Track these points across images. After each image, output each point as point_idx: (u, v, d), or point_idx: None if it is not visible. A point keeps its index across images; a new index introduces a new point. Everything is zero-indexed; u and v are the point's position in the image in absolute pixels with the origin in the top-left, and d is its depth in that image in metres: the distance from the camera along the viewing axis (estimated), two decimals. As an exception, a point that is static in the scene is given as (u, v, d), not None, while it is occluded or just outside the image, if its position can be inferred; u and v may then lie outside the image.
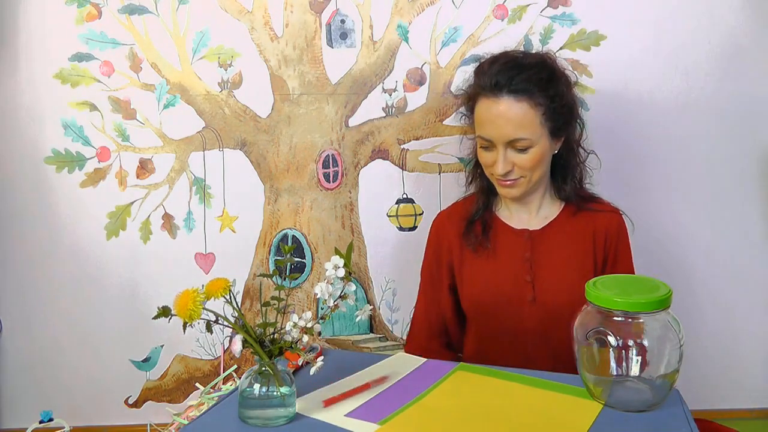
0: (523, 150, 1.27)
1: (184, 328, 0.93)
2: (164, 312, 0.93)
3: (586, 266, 1.33)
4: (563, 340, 1.19)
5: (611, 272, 1.34)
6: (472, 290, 1.37)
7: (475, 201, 1.41)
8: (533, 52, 1.39)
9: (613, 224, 1.36)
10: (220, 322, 0.95)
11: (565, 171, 1.37)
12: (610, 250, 1.35)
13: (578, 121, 1.37)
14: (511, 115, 1.25)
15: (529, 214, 1.38)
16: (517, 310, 1.33)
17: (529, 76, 1.26)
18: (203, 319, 0.93)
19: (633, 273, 1.38)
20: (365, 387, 1.01)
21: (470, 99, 1.33)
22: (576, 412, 0.96)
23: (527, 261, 1.34)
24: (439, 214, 1.48)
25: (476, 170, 1.41)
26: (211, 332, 0.98)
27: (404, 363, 1.16)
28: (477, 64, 1.35)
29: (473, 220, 1.39)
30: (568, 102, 1.32)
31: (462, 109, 1.40)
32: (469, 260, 1.38)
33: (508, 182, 1.30)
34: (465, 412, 0.98)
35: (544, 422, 0.95)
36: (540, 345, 1.31)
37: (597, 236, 1.35)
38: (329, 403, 0.97)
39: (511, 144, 1.27)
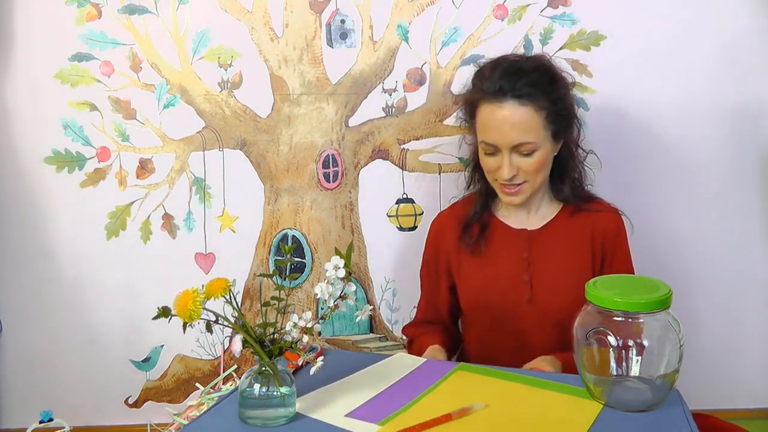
0: (528, 154, 1.27)
1: (184, 328, 0.93)
2: (164, 312, 0.93)
3: (583, 266, 1.34)
4: (562, 339, 1.20)
5: (609, 272, 1.34)
6: (470, 290, 1.38)
7: (473, 203, 1.41)
8: (531, 54, 1.38)
9: (612, 224, 1.36)
10: (220, 322, 0.95)
11: (563, 171, 1.37)
12: (608, 250, 1.35)
13: (576, 121, 1.37)
14: (516, 119, 1.25)
15: (528, 213, 1.38)
16: (514, 310, 1.33)
17: (531, 80, 1.26)
18: (203, 319, 0.93)
19: (632, 273, 1.37)
20: (447, 418, 0.96)
21: (471, 104, 1.33)
22: (576, 412, 0.96)
23: (525, 261, 1.35)
24: (438, 214, 1.49)
25: (475, 173, 1.42)
26: (211, 332, 0.98)
27: (404, 363, 1.16)
28: (476, 68, 1.34)
29: (470, 223, 1.39)
30: (569, 104, 1.33)
31: (461, 113, 1.39)
32: (467, 261, 1.39)
33: (513, 189, 1.30)
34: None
35: (544, 422, 0.95)
36: (540, 344, 1.31)
37: (595, 236, 1.35)
38: None
39: (516, 148, 1.27)
